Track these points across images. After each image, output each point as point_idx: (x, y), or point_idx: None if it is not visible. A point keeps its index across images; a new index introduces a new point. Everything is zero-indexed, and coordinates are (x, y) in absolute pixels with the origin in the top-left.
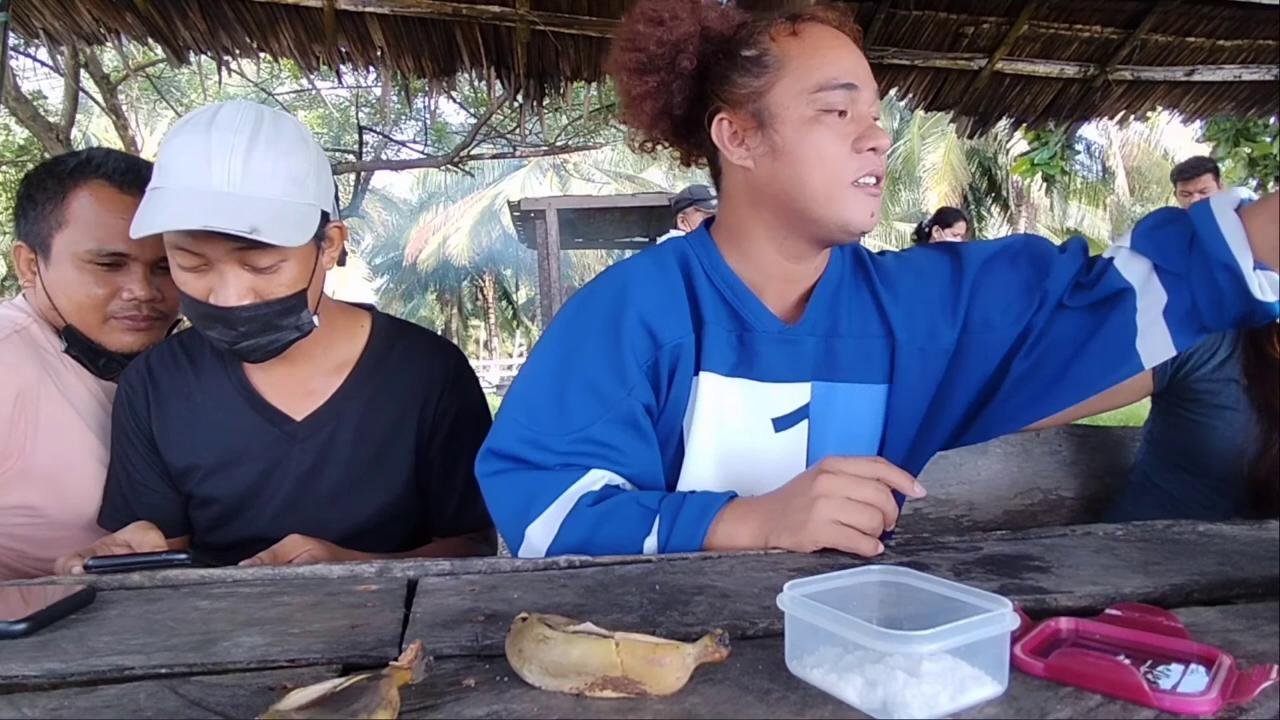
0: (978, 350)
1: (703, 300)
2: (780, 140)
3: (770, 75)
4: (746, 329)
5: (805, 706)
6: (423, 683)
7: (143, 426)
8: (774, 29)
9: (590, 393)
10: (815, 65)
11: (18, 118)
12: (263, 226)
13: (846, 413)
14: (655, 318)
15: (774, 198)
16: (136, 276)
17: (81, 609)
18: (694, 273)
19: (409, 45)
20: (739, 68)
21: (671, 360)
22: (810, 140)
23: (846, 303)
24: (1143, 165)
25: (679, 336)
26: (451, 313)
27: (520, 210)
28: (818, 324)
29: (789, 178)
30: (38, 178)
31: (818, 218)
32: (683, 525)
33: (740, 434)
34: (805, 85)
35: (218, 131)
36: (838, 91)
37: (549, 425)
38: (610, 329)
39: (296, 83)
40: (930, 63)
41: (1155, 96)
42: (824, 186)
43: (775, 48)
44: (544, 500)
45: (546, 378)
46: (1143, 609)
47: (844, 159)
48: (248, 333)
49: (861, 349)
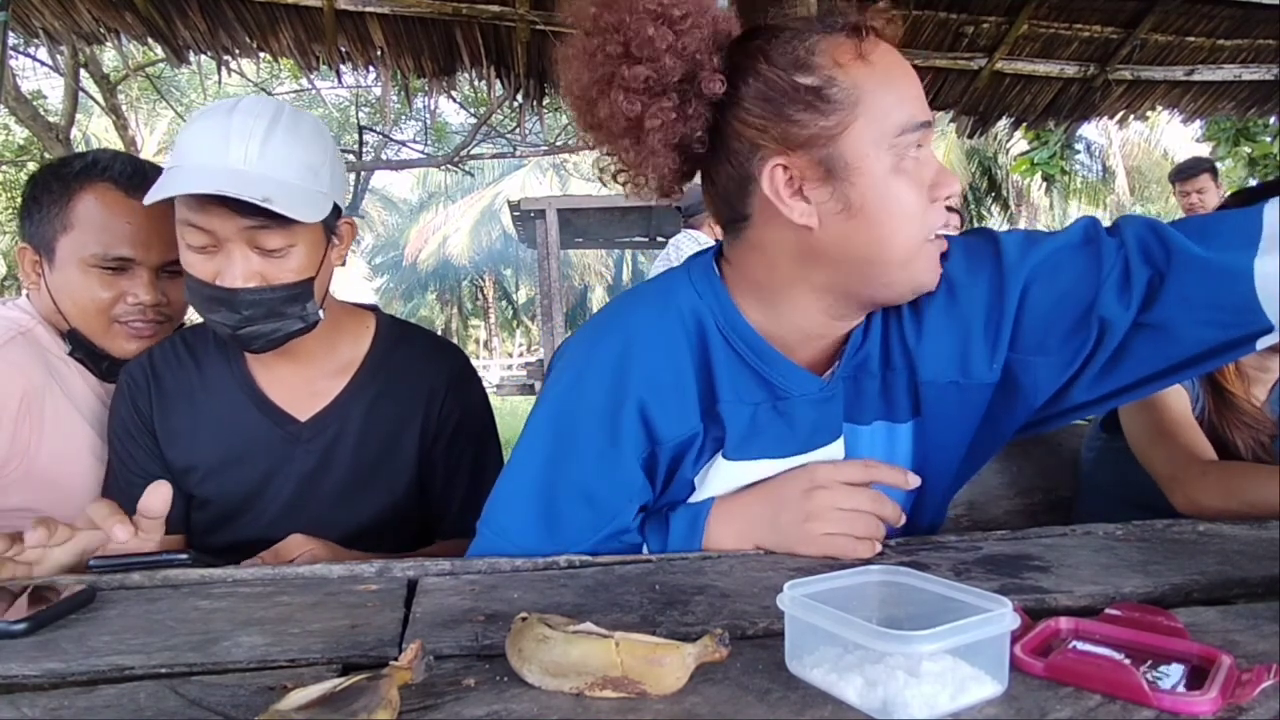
0: (1028, 376)
1: (717, 370)
2: (857, 195)
3: (842, 114)
4: (780, 397)
5: (805, 706)
6: (423, 683)
7: (144, 421)
8: (836, 51)
9: (584, 502)
10: (895, 102)
11: (17, 117)
12: (277, 199)
13: (869, 453)
14: (656, 408)
15: (839, 259)
16: (142, 281)
17: (81, 609)
18: (708, 334)
19: (409, 45)
20: (795, 100)
21: (673, 456)
22: (894, 195)
23: (875, 338)
24: (1143, 165)
25: (682, 434)
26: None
27: (520, 210)
28: (848, 366)
29: (867, 240)
30: (43, 179)
31: (891, 281)
32: (675, 543)
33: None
34: (888, 128)
35: (238, 116)
36: (918, 132)
37: (534, 543)
38: (607, 422)
39: (296, 83)
40: (930, 62)
41: (1155, 96)
42: (907, 246)
43: (844, 77)
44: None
45: (535, 482)
46: (1143, 609)
47: (924, 213)
48: (251, 317)
49: (885, 385)
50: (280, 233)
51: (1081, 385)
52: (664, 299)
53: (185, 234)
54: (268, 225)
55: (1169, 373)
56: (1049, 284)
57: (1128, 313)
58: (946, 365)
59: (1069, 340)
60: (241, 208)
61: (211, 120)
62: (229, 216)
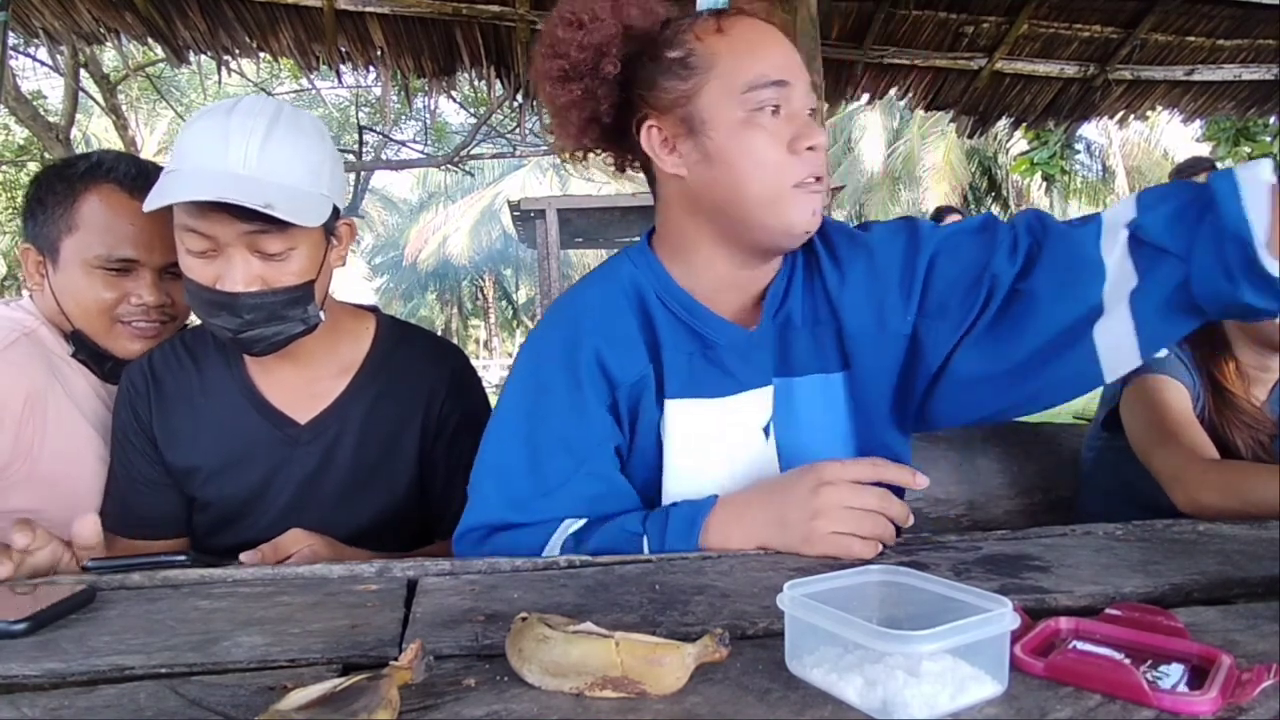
0: (931, 337)
1: (658, 325)
2: (713, 146)
3: (698, 77)
4: (708, 345)
5: (805, 706)
6: (423, 683)
7: (144, 426)
8: (698, 27)
9: (562, 447)
10: (745, 63)
11: (17, 118)
12: (278, 204)
13: (808, 405)
14: (610, 355)
15: (713, 206)
16: (145, 282)
17: (81, 609)
18: (645, 297)
19: (409, 45)
20: (665, 70)
21: (631, 398)
22: (745, 144)
23: (797, 292)
24: (1143, 165)
25: (636, 373)
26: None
27: (520, 210)
28: (771, 320)
29: (726, 184)
30: (47, 180)
31: (760, 224)
32: (672, 540)
33: (728, 445)
34: (735, 85)
35: (237, 117)
36: (769, 89)
37: (527, 489)
38: (570, 375)
39: (296, 83)
40: (930, 62)
41: (1155, 96)
42: (764, 192)
43: (701, 47)
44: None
45: (516, 442)
46: (1143, 609)
47: (783, 161)
48: (253, 321)
49: (814, 338)
50: (281, 236)
51: (967, 348)
52: (606, 275)
53: (185, 239)
54: (268, 229)
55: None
56: (953, 254)
57: (1012, 268)
58: (867, 318)
59: (965, 300)
60: (242, 212)
61: (210, 122)
62: (229, 221)
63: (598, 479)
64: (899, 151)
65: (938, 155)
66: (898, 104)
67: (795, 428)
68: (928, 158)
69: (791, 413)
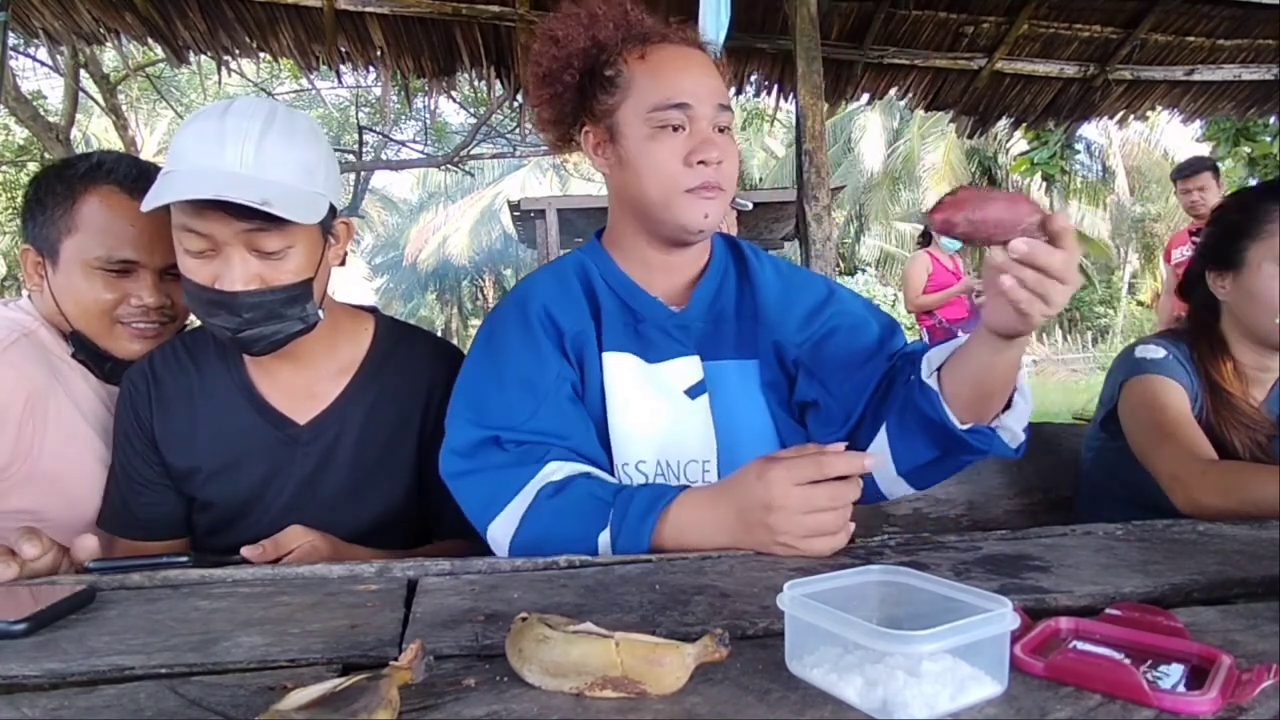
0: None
1: (600, 297)
2: (625, 154)
3: (619, 94)
4: (640, 319)
5: (805, 706)
6: (423, 683)
7: (144, 427)
8: (627, 51)
9: (524, 385)
10: (654, 87)
11: (17, 118)
12: (274, 201)
13: (732, 385)
14: (556, 309)
15: (629, 201)
16: (146, 283)
17: (81, 609)
18: (591, 277)
19: (409, 45)
20: (601, 85)
21: (576, 346)
22: (647, 154)
23: (730, 289)
24: (1143, 165)
25: (579, 325)
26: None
27: (520, 210)
28: (706, 310)
29: (634, 185)
30: (47, 181)
31: (660, 219)
32: (632, 517)
33: (658, 404)
34: (644, 105)
35: (232, 118)
36: (671, 111)
37: (499, 418)
38: (523, 323)
39: (296, 83)
40: (930, 62)
41: (1155, 96)
42: (659, 195)
43: (626, 69)
44: (505, 497)
45: (484, 378)
46: (1143, 609)
47: (676, 171)
48: (252, 320)
49: (738, 329)
50: (278, 235)
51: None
52: (555, 263)
53: (183, 239)
54: (265, 228)
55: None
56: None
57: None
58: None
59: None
60: (239, 211)
61: (206, 123)
62: (227, 220)
63: (559, 410)
64: (899, 151)
65: (938, 155)
66: (898, 104)
67: (726, 404)
68: (928, 158)
69: (722, 390)
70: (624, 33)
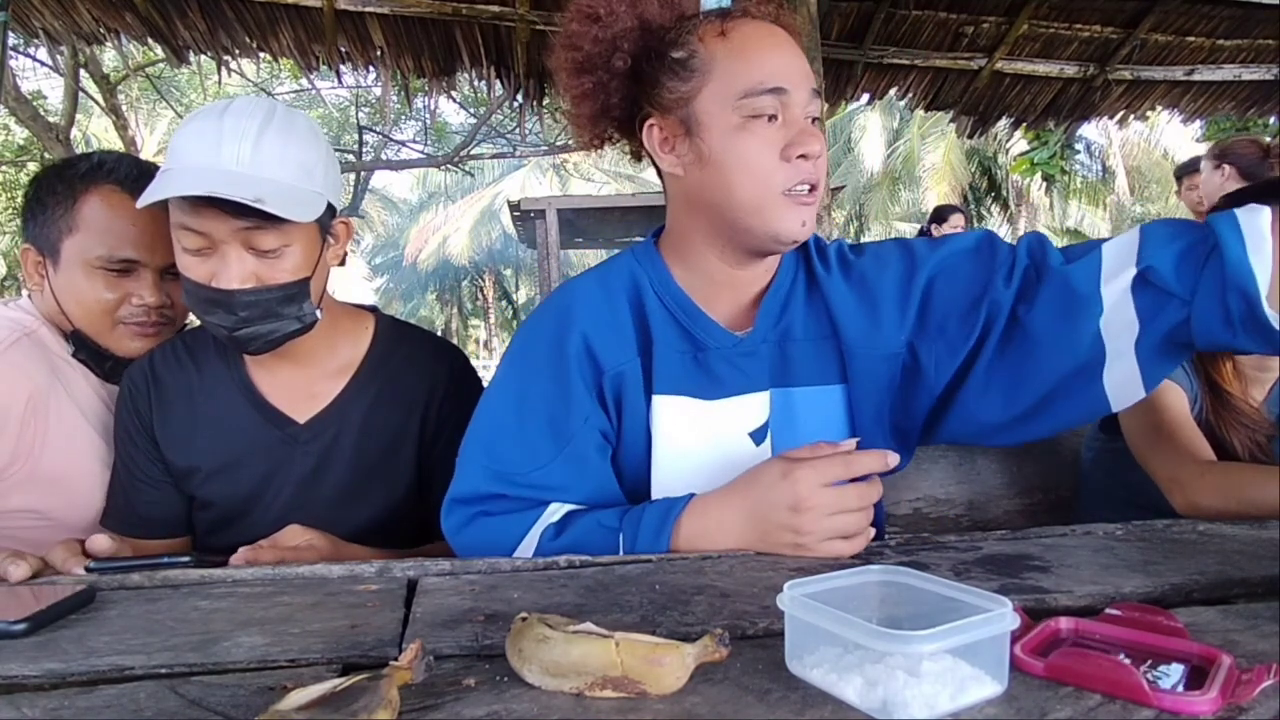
0: (930, 358)
1: (652, 321)
2: (707, 149)
3: (697, 80)
4: (700, 348)
5: (805, 706)
6: (423, 683)
7: (145, 425)
8: (702, 29)
9: (549, 427)
10: (742, 69)
11: (18, 118)
12: (269, 199)
13: (807, 416)
14: (598, 341)
15: (706, 206)
16: (147, 283)
17: (81, 609)
18: (643, 292)
19: (409, 45)
20: (667, 70)
21: (615, 386)
22: (737, 149)
23: (798, 305)
24: (1143, 165)
25: (621, 363)
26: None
27: (520, 210)
28: (770, 330)
29: (718, 187)
30: (47, 181)
31: (748, 227)
32: (644, 536)
33: (714, 450)
34: (731, 91)
35: (230, 117)
36: (765, 97)
37: (514, 463)
38: (557, 356)
39: (296, 83)
40: (930, 62)
41: (1155, 96)
42: (752, 197)
43: (703, 49)
44: (508, 544)
45: (505, 416)
46: (1143, 609)
47: (773, 168)
48: (248, 319)
49: (815, 351)
50: (275, 233)
51: (978, 392)
52: (604, 270)
53: (180, 237)
54: (262, 226)
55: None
56: (950, 276)
57: (1009, 293)
58: (864, 334)
59: (964, 322)
60: (235, 209)
61: (204, 122)
62: (223, 218)
63: (581, 462)
64: (899, 151)
65: (938, 155)
66: (898, 104)
67: (794, 438)
68: (928, 158)
69: (791, 422)
70: (675, 10)
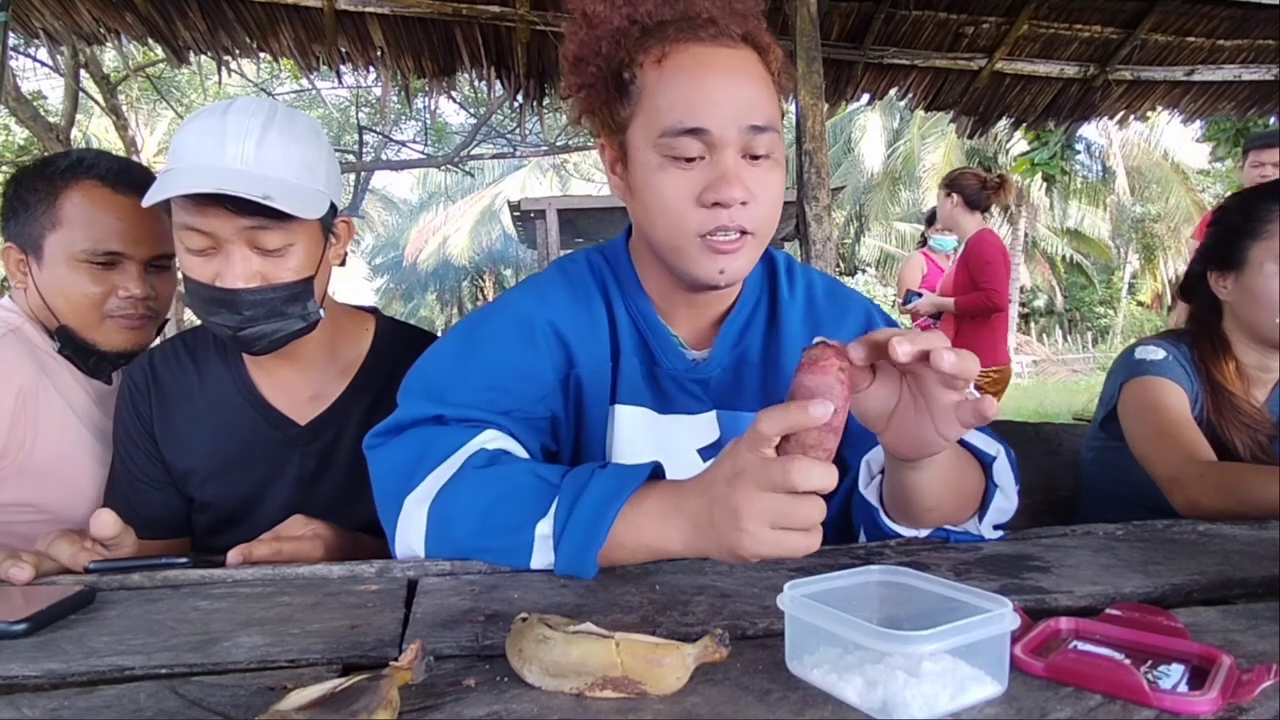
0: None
1: (620, 330)
2: (634, 181)
3: (631, 107)
4: (656, 364)
5: (805, 706)
6: (423, 683)
7: (145, 425)
8: (649, 54)
9: (501, 378)
10: (665, 105)
11: (18, 118)
12: (275, 196)
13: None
14: (573, 335)
15: (640, 232)
16: (132, 275)
17: (81, 609)
18: (611, 297)
19: (409, 45)
20: (618, 89)
21: (587, 382)
22: (653, 187)
23: (758, 329)
24: (1143, 165)
25: (598, 363)
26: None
27: (520, 210)
28: (726, 355)
29: (643, 220)
30: (27, 179)
31: (672, 264)
32: (585, 508)
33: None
34: (653, 128)
35: (233, 116)
36: (683, 139)
37: (450, 384)
38: (525, 332)
39: (296, 83)
40: (930, 63)
41: (1155, 96)
42: (667, 239)
43: (640, 76)
44: (432, 460)
45: (449, 357)
46: (1143, 609)
47: (685, 213)
48: (253, 318)
49: (763, 374)
50: (279, 232)
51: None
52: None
53: (184, 237)
54: (266, 225)
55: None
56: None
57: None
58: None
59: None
60: (240, 208)
61: (206, 122)
62: (228, 217)
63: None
64: (899, 151)
65: (938, 155)
66: (898, 104)
67: None
68: (928, 158)
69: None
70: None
